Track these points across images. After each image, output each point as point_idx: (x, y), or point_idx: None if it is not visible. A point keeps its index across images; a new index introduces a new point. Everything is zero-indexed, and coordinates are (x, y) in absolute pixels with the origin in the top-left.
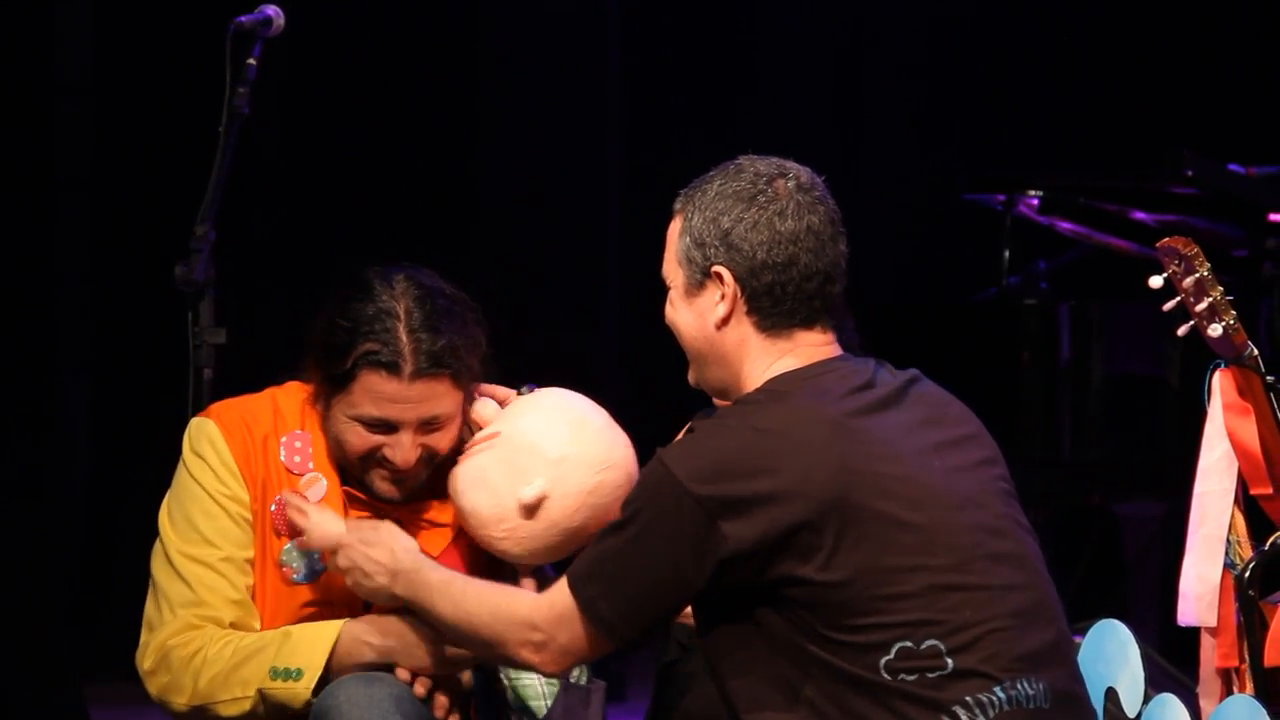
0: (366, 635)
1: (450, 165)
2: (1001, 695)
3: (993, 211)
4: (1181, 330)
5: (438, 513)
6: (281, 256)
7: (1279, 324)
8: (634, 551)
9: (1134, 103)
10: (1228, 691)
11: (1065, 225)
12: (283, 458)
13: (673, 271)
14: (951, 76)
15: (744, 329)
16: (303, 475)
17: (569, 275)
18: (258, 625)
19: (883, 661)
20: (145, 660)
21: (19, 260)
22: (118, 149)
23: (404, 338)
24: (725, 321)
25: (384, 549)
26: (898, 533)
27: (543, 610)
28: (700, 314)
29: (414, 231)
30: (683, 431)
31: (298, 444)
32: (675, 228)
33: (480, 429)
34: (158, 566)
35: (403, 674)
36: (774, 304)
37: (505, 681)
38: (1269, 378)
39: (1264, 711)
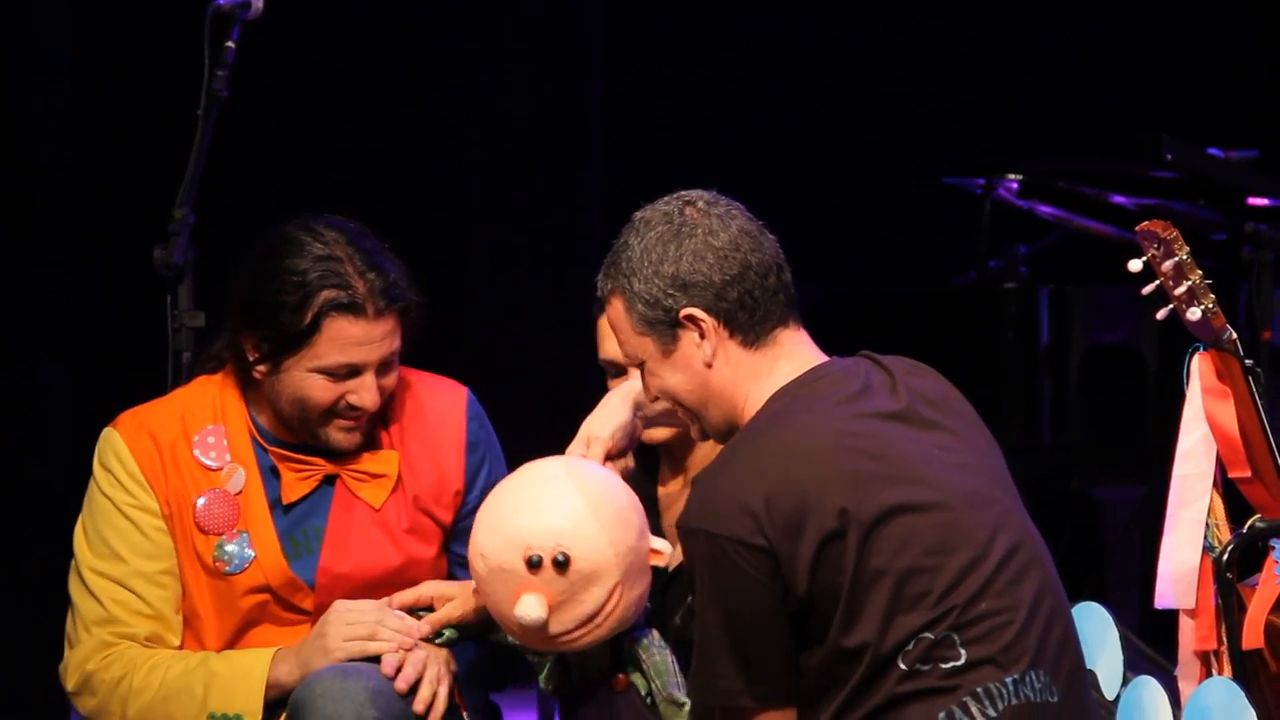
0: (308, 662)
1: (433, 147)
2: (1011, 686)
3: (972, 195)
4: (1160, 314)
5: (374, 464)
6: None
7: (1258, 308)
8: (734, 623)
9: (1113, 87)
10: (1206, 674)
11: (1045, 209)
12: (197, 456)
13: (638, 346)
14: (930, 61)
15: (732, 354)
16: (221, 469)
17: (552, 269)
18: (175, 639)
19: (901, 653)
20: (68, 680)
21: None
22: (96, 132)
23: (357, 280)
24: (713, 356)
25: None
26: (915, 532)
27: None
28: (687, 365)
29: (395, 215)
30: (689, 493)
31: (210, 439)
32: (617, 308)
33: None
34: (72, 584)
35: (388, 667)
36: (750, 315)
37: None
38: (1247, 361)
39: (1242, 693)
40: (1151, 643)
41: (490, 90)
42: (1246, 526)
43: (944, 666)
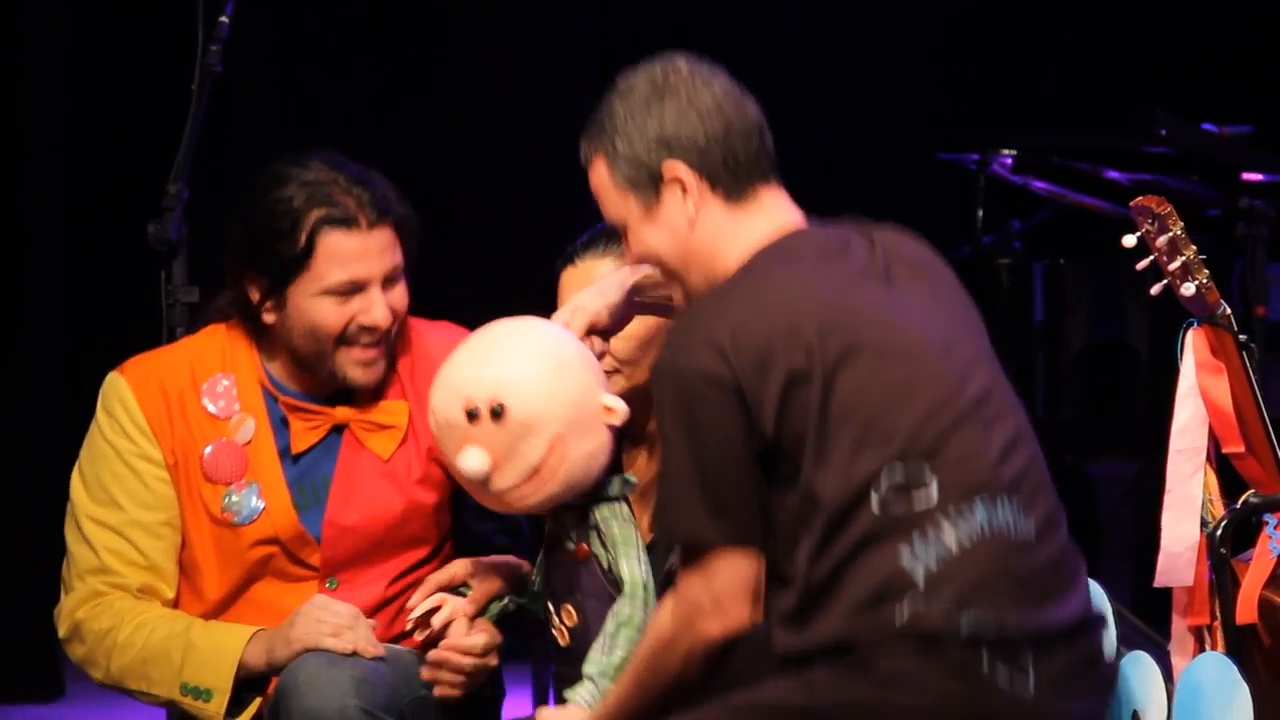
0: (272, 649)
1: (431, 120)
2: (981, 511)
3: (966, 171)
4: (1155, 289)
5: (385, 414)
6: None
7: (1251, 283)
8: (700, 460)
9: (1108, 62)
10: (1200, 649)
11: (1039, 184)
12: (205, 405)
13: (622, 207)
14: (924, 36)
15: (714, 212)
16: (229, 419)
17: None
18: (169, 591)
19: (872, 487)
20: (60, 626)
21: None
22: (89, 108)
23: (345, 197)
24: (696, 214)
25: None
26: (882, 372)
27: (679, 596)
28: (670, 223)
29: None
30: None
31: (220, 388)
32: (601, 170)
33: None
34: (69, 529)
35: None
36: (732, 174)
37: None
38: (1241, 336)
39: (1235, 668)
40: (1145, 618)
41: (489, 64)
42: (1240, 502)
43: (916, 498)
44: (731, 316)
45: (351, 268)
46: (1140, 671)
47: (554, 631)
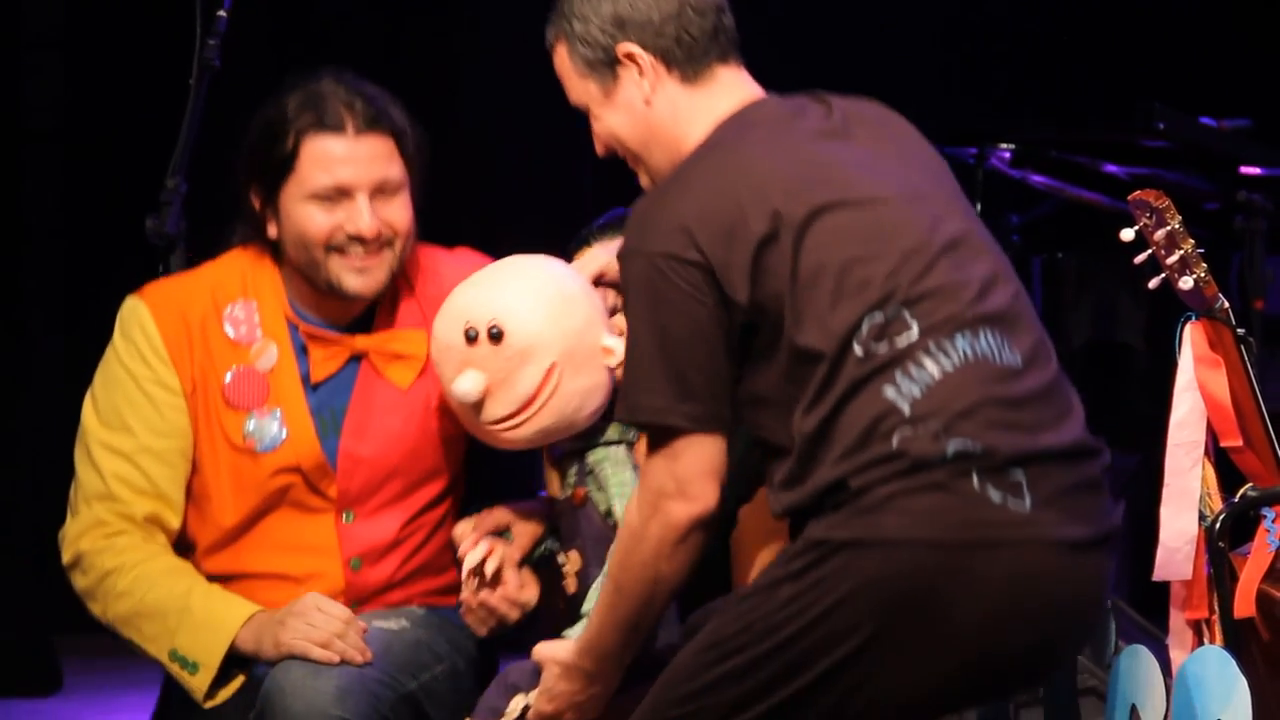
0: (261, 642)
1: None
2: (964, 341)
3: (965, 165)
4: (1153, 283)
5: (405, 344)
6: None
7: (1249, 277)
8: (666, 344)
9: (1106, 56)
10: (1198, 642)
11: (1037, 178)
12: (227, 332)
13: (583, 89)
14: (921, 30)
15: (670, 91)
16: (251, 345)
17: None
18: (175, 519)
19: (855, 338)
20: (64, 551)
21: None
22: (88, 102)
23: (337, 104)
24: (652, 93)
25: (565, 682)
26: (851, 226)
27: (644, 483)
28: (628, 105)
29: None
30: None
31: (240, 314)
32: (562, 53)
33: None
34: (78, 454)
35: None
36: (686, 51)
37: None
38: (1239, 330)
39: (1233, 662)
40: (1143, 611)
41: (488, 51)
42: (1238, 495)
43: (898, 341)
44: (694, 194)
45: (335, 172)
46: (1138, 665)
47: (565, 579)
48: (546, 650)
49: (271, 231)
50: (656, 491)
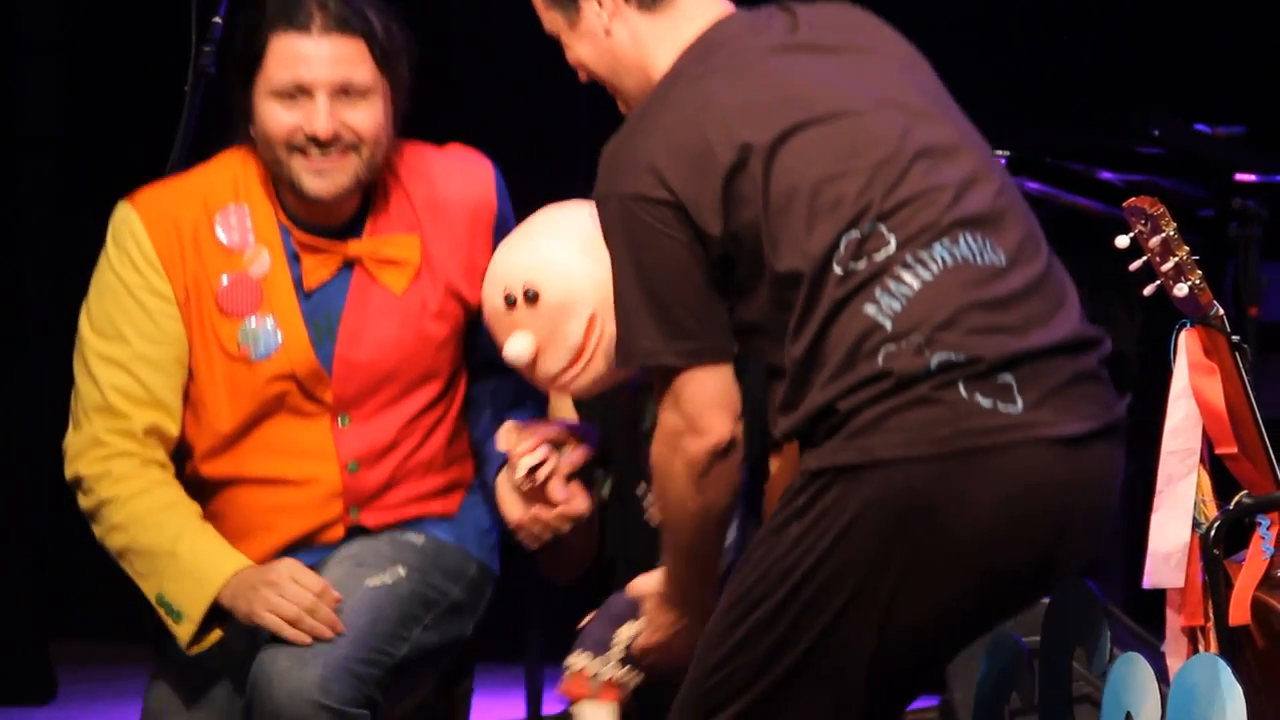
0: (235, 603)
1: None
2: (942, 250)
3: None
4: (1148, 290)
5: (397, 249)
6: None
7: (1244, 283)
8: (649, 284)
9: (1101, 62)
10: (1193, 650)
11: (1032, 185)
12: (220, 237)
13: (550, 19)
14: (916, 36)
15: (630, 20)
16: (244, 252)
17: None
18: (174, 427)
19: (834, 259)
20: (66, 469)
21: None
22: (84, 107)
23: (312, 3)
24: (610, 22)
25: (663, 613)
26: (819, 144)
27: (660, 426)
28: (592, 35)
29: None
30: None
31: (233, 219)
32: None
33: None
34: (77, 366)
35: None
36: None
37: None
38: (1234, 337)
39: (1228, 670)
40: (1139, 619)
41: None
42: (1233, 503)
43: (876, 257)
44: (659, 132)
45: (294, 69)
46: (1134, 673)
47: (647, 512)
48: (642, 583)
49: (252, 132)
50: (670, 430)
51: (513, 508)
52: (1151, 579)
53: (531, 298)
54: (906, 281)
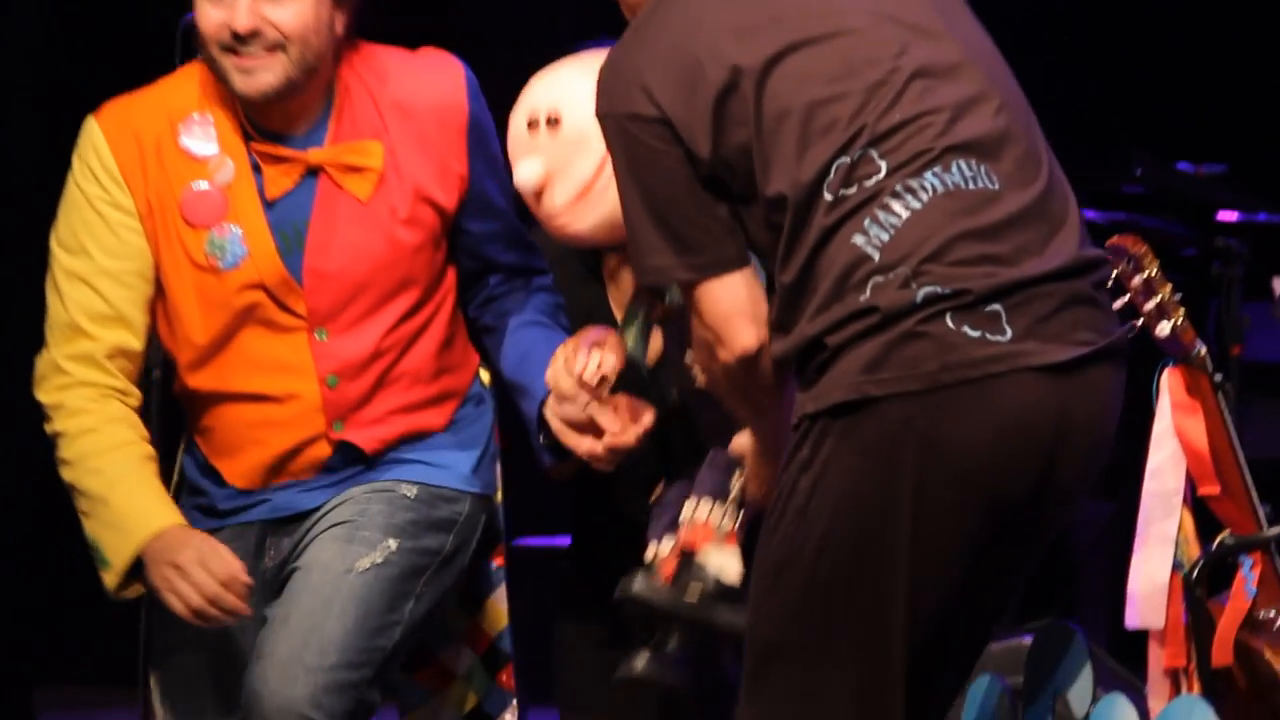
0: (161, 561)
1: None
2: (932, 178)
3: None
4: (1130, 329)
5: (360, 155)
6: None
7: (1227, 323)
8: (652, 201)
9: (1083, 102)
10: (1176, 691)
11: None
12: (185, 145)
13: None
14: None
15: None
16: (208, 161)
17: None
18: (138, 343)
19: (824, 184)
20: (35, 387)
21: None
22: (68, 129)
23: None
24: None
25: (765, 466)
26: (812, 65)
27: (694, 336)
28: None
29: None
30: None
31: (196, 129)
32: None
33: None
34: (48, 284)
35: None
36: None
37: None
38: (1217, 377)
39: (1211, 711)
40: (1122, 660)
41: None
42: (1216, 543)
43: (867, 184)
44: (650, 50)
45: None
46: (1117, 713)
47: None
48: (741, 441)
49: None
50: (701, 342)
51: (579, 440)
52: (1133, 619)
53: (552, 123)
54: (895, 211)
